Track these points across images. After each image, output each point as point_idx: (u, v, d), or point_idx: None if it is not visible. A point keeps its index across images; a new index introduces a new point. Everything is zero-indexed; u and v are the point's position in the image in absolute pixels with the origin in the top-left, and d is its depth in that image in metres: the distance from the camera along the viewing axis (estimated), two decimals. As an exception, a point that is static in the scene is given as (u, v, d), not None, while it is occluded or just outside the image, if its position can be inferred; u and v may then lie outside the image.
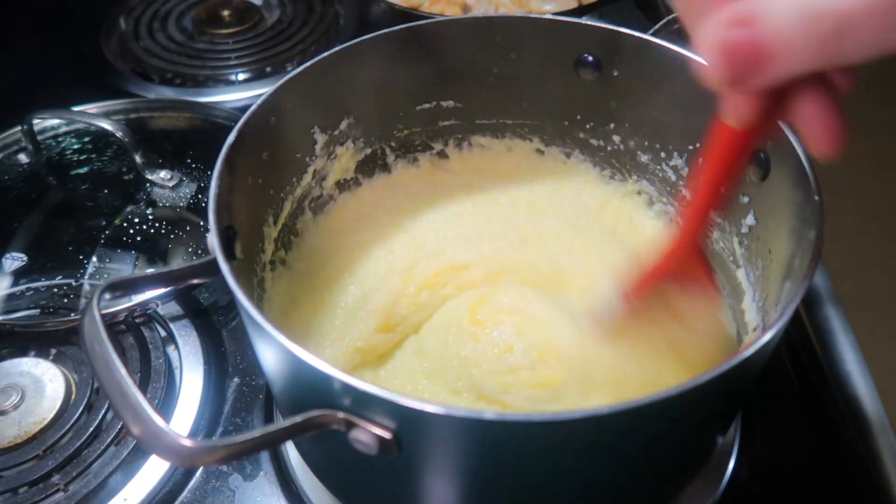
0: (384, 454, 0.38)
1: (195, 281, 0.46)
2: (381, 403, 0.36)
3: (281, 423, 0.37)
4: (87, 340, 0.37)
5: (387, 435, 0.37)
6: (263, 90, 0.58)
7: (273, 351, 0.41)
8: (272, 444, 0.38)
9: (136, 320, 0.69)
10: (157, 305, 0.70)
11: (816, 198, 0.46)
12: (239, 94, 0.99)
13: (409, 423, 0.37)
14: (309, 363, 0.37)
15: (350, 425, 0.38)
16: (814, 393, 0.68)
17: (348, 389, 0.36)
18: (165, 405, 0.65)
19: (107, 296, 0.40)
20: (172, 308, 0.72)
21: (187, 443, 0.34)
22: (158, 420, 0.35)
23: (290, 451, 0.62)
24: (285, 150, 0.61)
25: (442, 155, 0.73)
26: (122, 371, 0.36)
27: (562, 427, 0.35)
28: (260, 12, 1.14)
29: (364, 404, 0.37)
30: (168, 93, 0.99)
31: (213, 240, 0.44)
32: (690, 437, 0.48)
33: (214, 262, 0.43)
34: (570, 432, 0.37)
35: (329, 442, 0.43)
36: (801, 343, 0.71)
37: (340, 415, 0.37)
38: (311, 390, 0.39)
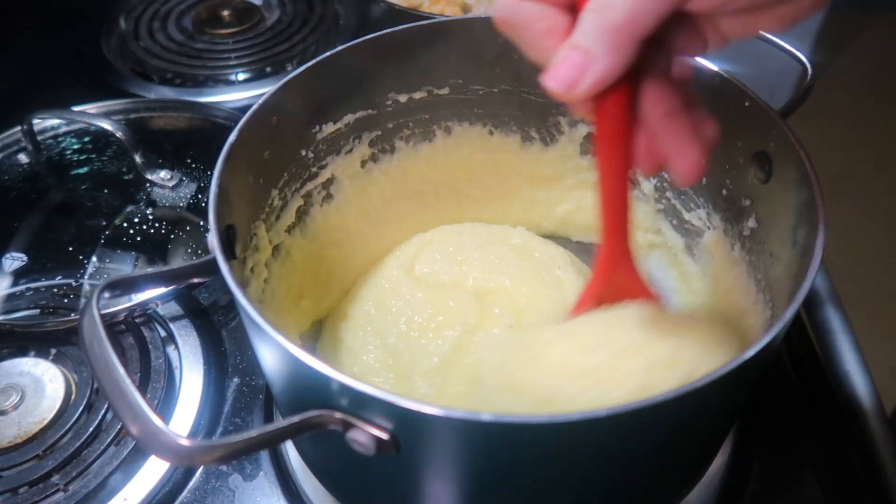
0: (382, 455, 0.38)
1: (195, 280, 0.46)
2: (377, 404, 0.36)
3: (278, 423, 0.37)
4: (86, 340, 0.37)
5: (384, 436, 0.37)
6: (263, 90, 0.58)
7: (271, 351, 0.41)
8: (269, 443, 0.38)
9: (136, 320, 0.69)
10: (158, 305, 0.70)
11: (818, 200, 0.45)
12: (239, 94, 0.99)
13: (406, 424, 0.37)
14: (306, 363, 0.37)
15: (347, 426, 0.38)
16: (814, 393, 0.68)
17: (345, 390, 0.36)
18: (165, 405, 0.65)
19: (106, 295, 0.40)
20: (172, 308, 0.72)
21: (185, 442, 0.34)
22: (156, 420, 0.34)
23: (291, 451, 0.62)
24: (287, 150, 0.61)
25: (447, 153, 0.73)
26: (121, 371, 0.36)
27: (560, 429, 0.35)
28: (260, 12, 1.14)
29: (361, 405, 0.37)
30: (168, 93, 0.99)
31: (213, 239, 0.44)
32: (691, 440, 0.47)
33: (214, 262, 0.43)
34: (568, 434, 0.36)
35: (327, 442, 0.43)
36: (801, 343, 0.71)
37: (338, 415, 0.37)
38: (309, 390, 0.39)
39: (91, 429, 0.61)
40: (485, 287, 0.66)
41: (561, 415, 0.34)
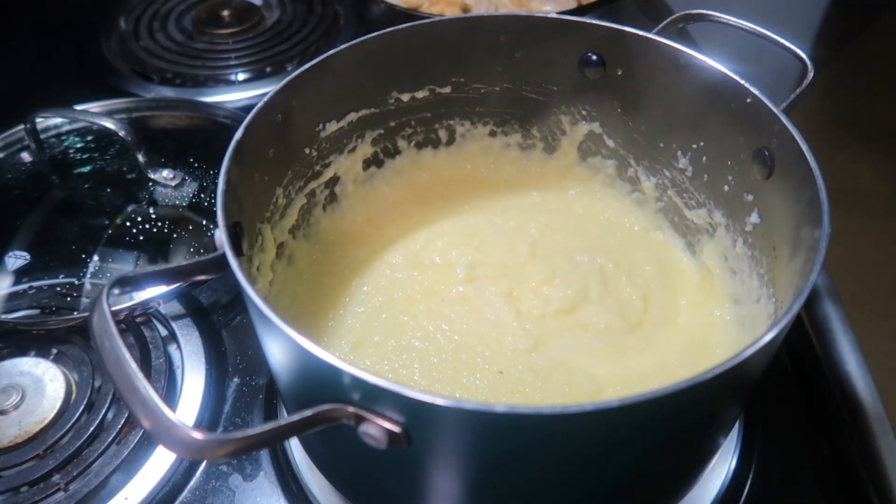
0: (394, 448, 0.38)
1: (201, 277, 0.46)
2: (390, 397, 0.36)
3: (290, 417, 0.37)
4: (96, 335, 0.37)
5: (396, 429, 0.37)
6: (263, 90, 0.58)
7: (282, 345, 0.41)
8: (281, 438, 0.38)
9: (136, 320, 0.69)
10: (160, 304, 0.70)
11: (822, 195, 0.46)
12: (239, 94, 0.99)
13: (418, 417, 0.37)
14: (320, 357, 0.37)
15: (360, 419, 0.37)
16: (814, 393, 0.68)
17: (358, 383, 0.36)
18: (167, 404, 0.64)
19: (116, 291, 0.40)
20: (174, 307, 0.72)
21: (198, 436, 0.34)
22: (169, 413, 0.34)
23: (295, 450, 0.61)
24: (291, 147, 0.61)
25: (448, 152, 0.73)
26: (133, 365, 0.35)
27: (571, 420, 0.35)
28: (260, 12, 1.14)
29: (374, 398, 0.37)
30: (168, 93, 0.99)
31: (221, 235, 0.44)
32: (695, 435, 0.48)
33: (222, 258, 0.43)
34: (579, 425, 0.37)
35: (337, 438, 0.43)
36: (801, 343, 0.71)
37: (350, 409, 0.37)
38: (321, 385, 0.39)
39: (92, 428, 0.61)
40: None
41: (573, 406, 0.34)
